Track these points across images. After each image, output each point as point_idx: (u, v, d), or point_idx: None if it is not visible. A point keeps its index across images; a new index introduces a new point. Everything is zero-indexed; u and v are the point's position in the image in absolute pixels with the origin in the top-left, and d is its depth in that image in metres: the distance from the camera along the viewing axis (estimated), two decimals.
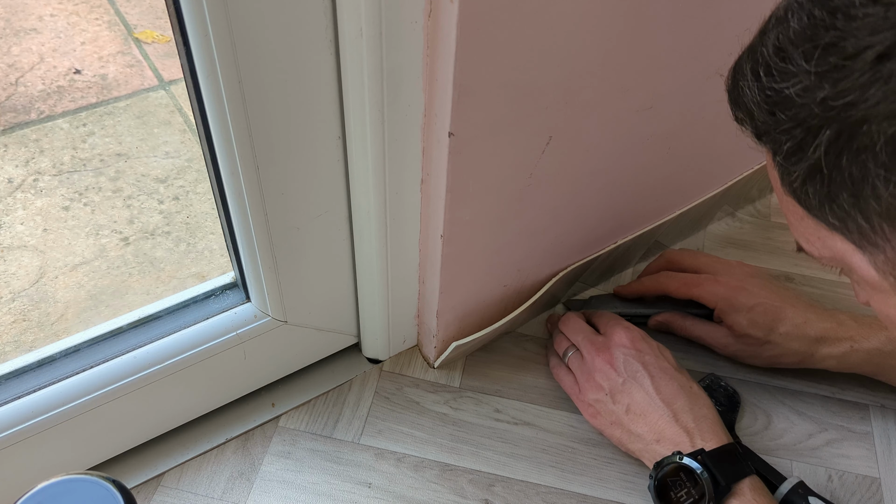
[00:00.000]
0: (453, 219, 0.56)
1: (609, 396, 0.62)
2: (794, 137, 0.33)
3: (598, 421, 0.63)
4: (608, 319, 0.68)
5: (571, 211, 0.65)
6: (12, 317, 0.99)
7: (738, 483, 0.55)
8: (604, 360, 0.63)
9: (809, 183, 0.33)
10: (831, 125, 0.31)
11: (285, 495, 0.62)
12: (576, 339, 0.67)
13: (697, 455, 0.56)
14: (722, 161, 0.77)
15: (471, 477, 0.63)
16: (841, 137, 0.31)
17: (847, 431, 0.67)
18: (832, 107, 0.30)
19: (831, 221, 0.34)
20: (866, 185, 0.31)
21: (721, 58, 0.62)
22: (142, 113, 1.33)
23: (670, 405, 0.59)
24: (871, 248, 0.34)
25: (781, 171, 0.35)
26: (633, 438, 0.61)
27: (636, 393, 0.61)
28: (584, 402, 0.64)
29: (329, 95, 0.49)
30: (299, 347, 0.67)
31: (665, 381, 0.61)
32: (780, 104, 0.33)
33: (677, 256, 0.73)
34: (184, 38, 0.44)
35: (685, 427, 0.58)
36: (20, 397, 0.55)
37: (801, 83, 0.31)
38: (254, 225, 0.53)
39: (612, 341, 0.64)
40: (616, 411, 0.61)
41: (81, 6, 1.56)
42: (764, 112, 0.34)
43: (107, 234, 1.11)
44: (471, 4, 0.42)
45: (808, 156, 0.32)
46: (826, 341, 0.65)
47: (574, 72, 0.52)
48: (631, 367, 0.62)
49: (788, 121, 0.33)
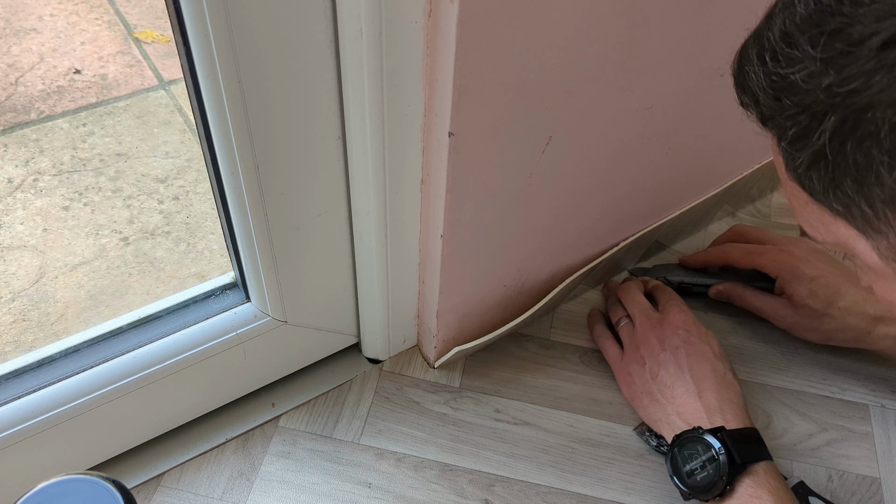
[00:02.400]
0: (453, 219, 0.56)
1: (647, 367, 0.64)
2: (799, 123, 0.33)
3: (631, 390, 0.65)
4: (668, 298, 0.69)
5: (571, 211, 0.65)
6: (12, 317, 0.99)
7: (754, 464, 0.56)
8: (654, 336, 0.65)
9: (814, 169, 0.33)
10: (836, 111, 0.31)
11: (285, 495, 0.62)
12: (632, 310, 0.69)
13: (717, 432, 0.57)
14: (722, 161, 0.77)
15: (471, 477, 0.63)
16: (846, 124, 0.31)
17: (847, 431, 0.67)
18: (837, 93, 0.31)
19: (835, 207, 0.34)
20: (870, 171, 0.31)
21: (721, 58, 0.62)
22: (142, 113, 1.33)
23: (698, 383, 0.61)
24: (874, 235, 0.34)
25: (786, 157, 0.35)
26: (656, 407, 0.62)
27: (670, 366, 0.63)
28: (624, 371, 0.66)
29: (329, 95, 0.49)
30: (299, 347, 0.67)
31: (700, 363, 0.62)
32: (785, 90, 0.33)
33: (745, 229, 0.75)
34: (184, 38, 0.44)
35: (707, 405, 0.59)
36: (20, 397, 0.55)
37: (807, 69, 0.32)
38: (254, 225, 0.53)
39: (667, 319, 0.66)
40: (649, 381, 0.63)
41: (81, 6, 1.56)
42: (769, 97, 0.34)
43: (107, 234, 1.11)
44: (471, 4, 0.42)
45: (813, 142, 0.32)
46: (884, 321, 0.65)
47: (574, 72, 0.52)
48: (673, 343, 0.64)
49: (793, 106, 0.33)
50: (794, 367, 0.72)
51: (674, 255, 0.82)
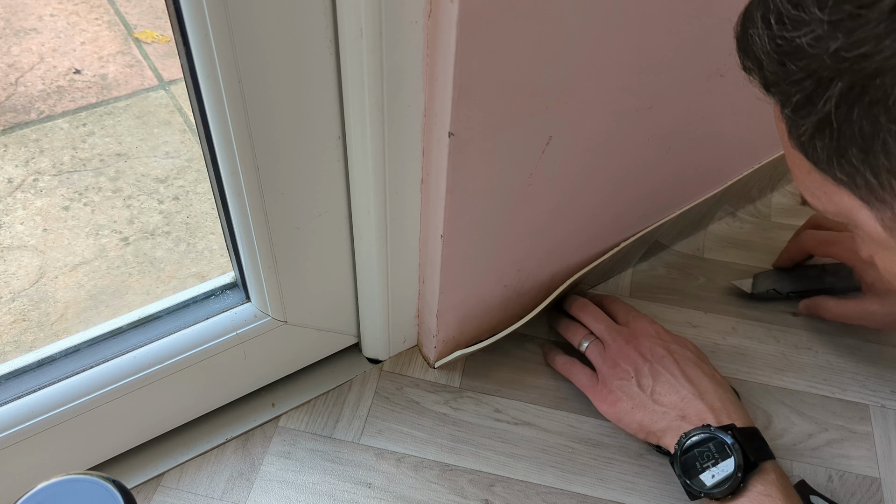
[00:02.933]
0: (453, 219, 0.56)
1: (635, 381, 0.62)
2: (805, 89, 0.32)
3: (617, 408, 0.62)
4: (628, 310, 0.68)
5: (571, 211, 0.65)
6: (12, 317, 0.99)
7: (764, 462, 0.55)
8: (633, 348, 0.64)
9: (818, 137, 0.32)
10: (843, 77, 0.30)
11: (285, 495, 0.62)
12: (597, 327, 0.67)
13: (728, 429, 0.56)
14: (722, 161, 0.77)
15: (471, 477, 0.63)
16: (853, 90, 0.30)
17: (847, 431, 0.67)
18: (845, 58, 0.29)
19: (839, 176, 0.33)
20: (877, 140, 0.30)
21: (721, 58, 0.62)
22: (142, 113, 1.33)
23: (696, 385, 0.60)
24: (878, 205, 0.33)
25: (789, 124, 0.34)
26: (657, 418, 0.60)
27: (662, 375, 0.61)
28: (605, 391, 0.64)
29: (329, 95, 0.49)
30: (299, 347, 0.67)
31: (689, 366, 0.62)
32: (790, 54, 0.32)
33: (821, 218, 0.74)
34: (184, 38, 0.44)
35: (710, 405, 0.59)
36: (20, 397, 0.55)
37: (814, 32, 0.30)
38: (254, 225, 0.53)
39: (639, 330, 0.65)
40: (640, 394, 0.62)
41: (81, 6, 1.56)
42: (773, 62, 0.33)
43: (107, 234, 1.11)
44: (471, 4, 0.42)
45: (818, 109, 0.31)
46: None
47: (574, 72, 0.52)
48: (657, 352, 0.63)
49: (799, 72, 0.31)
50: (794, 367, 0.72)
51: (674, 255, 0.82)
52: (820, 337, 0.74)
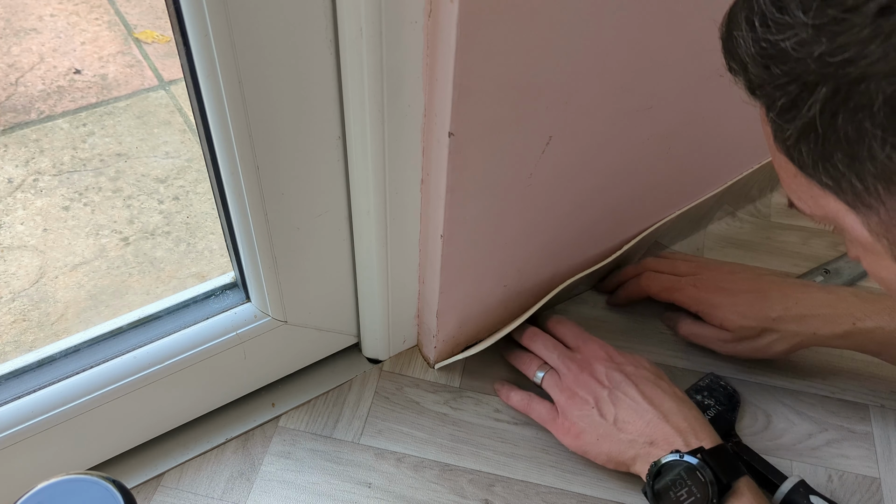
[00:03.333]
0: (453, 219, 0.56)
1: (596, 410, 0.60)
2: (789, 93, 0.31)
3: (582, 440, 0.61)
4: (577, 333, 0.67)
5: (571, 211, 0.65)
6: (12, 317, 0.99)
7: (736, 481, 0.55)
8: (588, 375, 0.62)
9: (803, 141, 0.32)
10: (828, 82, 0.29)
11: (285, 495, 0.62)
12: (550, 356, 0.65)
13: (696, 453, 0.55)
14: (722, 161, 0.77)
15: (471, 477, 0.63)
16: (837, 95, 0.29)
17: (847, 431, 0.67)
18: (829, 63, 0.29)
19: (824, 181, 0.33)
20: (862, 145, 0.29)
21: (721, 58, 0.62)
22: (142, 113, 1.33)
23: (659, 407, 0.59)
24: (864, 210, 0.33)
25: (774, 128, 0.34)
26: (624, 448, 0.59)
27: (623, 400, 0.60)
28: (567, 423, 0.62)
29: (329, 95, 0.49)
30: (299, 347, 0.67)
31: (649, 387, 0.60)
32: (775, 57, 0.31)
33: (654, 264, 0.73)
34: (184, 38, 0.44)
35: (677, 427, 0.57)
36: (20, 397, 0.55)
37: (798, 36, 0.30)
38: (254, 225, 0.53)
39: (591, 355, 0.64)
40: (603, 424, 0.59)
41: (81, 6, 1.56)
42: (758, 65, 0.32)
43: (107, 234, 1.11)
44: (471, 4, 0.42)
45: (803, 113, 0.31)
46: (822, 318, 0.63)
47: (574, 72, 0.52)
48: (614, 378, 0.61)
49: (783, 76, 0.31)
50: (794, 367, 0.72)
51: None
52: None
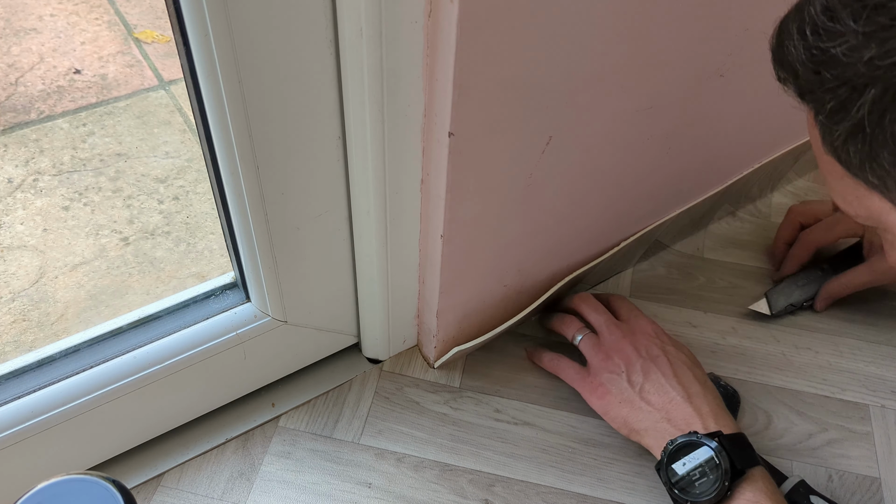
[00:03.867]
0: (453, 219, 0.56)
1: (625, 375, 0.62)
2: (839, 96, 0.33)
3: (605, 400, 0.62)
4: (630, 308, 0.68)
5: (571, 210, 0.65)
6: (12, 317, 0.99)
7: (751, 469, 0.55)
8: (629, 344, 0.63)
9: (851, 142, 0.34)
10: (876, 84, 0.32)
11: (285, 495, 0.62)
12: (597, 319, 0.67)
13: (714, 436, 0.56)
14: (722, 160, 0.77)
15: (471, 477, 0.63)
16: (885, 96, 0.31)
17: (847, 431, 0.67)
18: (878, 66, 0.31)
19: (871, 180, 0.35)
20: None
21: (721, 58, 0.62)
22: (142, 113, 1.33)
23: (686, 388, 0.60)
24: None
25: (823, 130, 0.36)
26: (640, 417, 0.60)
27: (653, 373, 0.61)
28: (595, 382, 0.63)
29: (329, 95, 0.49)
30: (299, 347, 0.67)
31: (682, 369, 0.61)
32: (825, 63, 0.33)
33: (803, 208, 0.76)
34: (184, 38, 0.44)
35: (698, 410, 0.58)
36: (20, 397, 0.55)
37: (848, 42, 0.32)
38: (254, 225, 0.53)
39: (637, 328, 0.65)
40: (629, 390, 0.61)
41: (81, 6, 1.56)
42: (809, 71, 0.35)
43: (107, 234, 1.11)
44: (471, 4, 0.42)
45: (852, 115, 0.33)
46: None
47: (574, 72, 0.52)
48: (652, 351, 0.63)
49: (833, 80, 0.33)
50: (794, 367, 0.72)
51: (674, 255, 0.82)
52: (820, 337, 0.74)
